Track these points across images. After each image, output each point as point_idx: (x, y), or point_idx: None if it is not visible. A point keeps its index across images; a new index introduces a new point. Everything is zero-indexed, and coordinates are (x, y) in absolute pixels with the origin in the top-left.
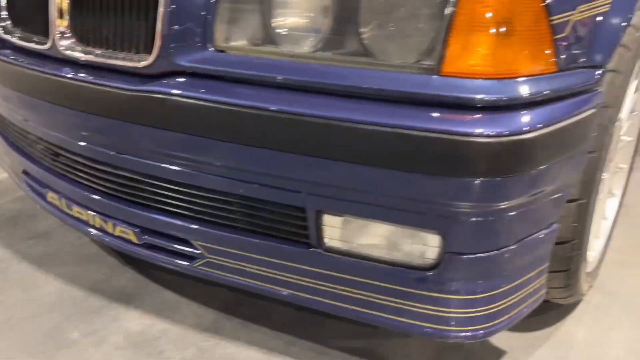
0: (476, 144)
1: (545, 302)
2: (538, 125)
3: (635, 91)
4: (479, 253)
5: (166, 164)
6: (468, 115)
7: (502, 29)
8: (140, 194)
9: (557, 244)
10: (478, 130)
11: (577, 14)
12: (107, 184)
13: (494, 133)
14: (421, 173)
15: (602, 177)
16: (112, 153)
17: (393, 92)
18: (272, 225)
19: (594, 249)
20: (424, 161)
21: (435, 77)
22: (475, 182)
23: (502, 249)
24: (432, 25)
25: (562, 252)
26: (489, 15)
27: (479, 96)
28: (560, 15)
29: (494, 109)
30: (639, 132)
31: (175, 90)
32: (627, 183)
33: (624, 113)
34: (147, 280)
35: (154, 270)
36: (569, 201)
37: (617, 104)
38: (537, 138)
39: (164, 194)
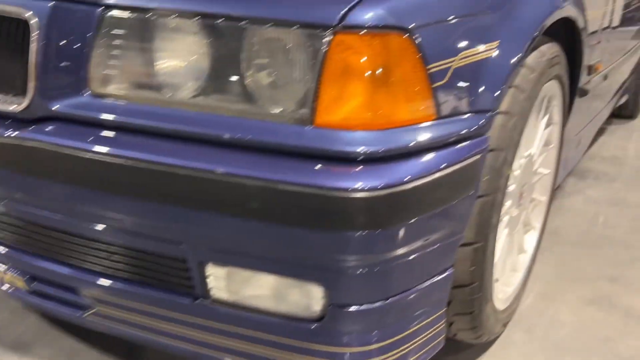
0: (350, 199)
1: (459, 342)
2: (416, 176)
3: (547, 126)
4: (366, 304)
5: (47, 210)
6: (343, 168)
7: (375, 79)
8: (26, 240)
9: (455, 287)
10: (352, 185)
11: (459, 60)
12: None
13: (368, 187)
14: (297, 226)
15: (514, 214)
16: None
17: (266, 144)
18: (158, 277)
19: (511, 284)
20: (297, 215)
21: (307, 128)
22: (353, 235)
23: (391, 299)
24: (306, 73)
25: (462, 296)
26: (361, 63)
27: (353, 148)
28: (439, 63)
29: (369, 161)
30: (556, 163)
31: (43, 137)
32: (547, 214)
33: (534, 148)
34: (48, 326)
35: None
36: (464, 245)
37: (512, 146)
38: (415, 189)
39: (48, 242)
